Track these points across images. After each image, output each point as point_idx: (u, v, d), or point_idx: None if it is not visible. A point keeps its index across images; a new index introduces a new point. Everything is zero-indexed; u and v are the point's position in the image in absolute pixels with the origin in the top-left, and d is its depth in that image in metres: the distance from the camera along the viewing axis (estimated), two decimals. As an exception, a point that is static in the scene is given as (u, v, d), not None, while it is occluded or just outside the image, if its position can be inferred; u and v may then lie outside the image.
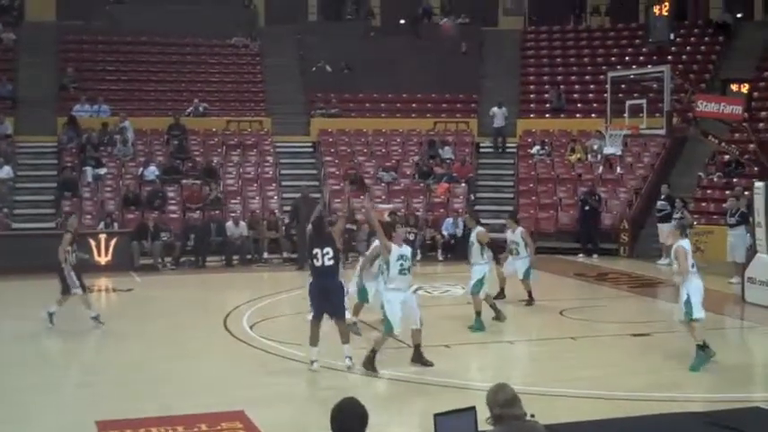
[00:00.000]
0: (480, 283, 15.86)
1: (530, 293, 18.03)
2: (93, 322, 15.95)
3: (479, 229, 16.48)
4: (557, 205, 27.95)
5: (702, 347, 12.64)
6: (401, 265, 12.64)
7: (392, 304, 12.61)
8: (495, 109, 31.14)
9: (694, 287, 12.77)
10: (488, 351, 14.70)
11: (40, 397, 11.72)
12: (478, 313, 15.71)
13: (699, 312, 12.69)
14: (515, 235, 18.17)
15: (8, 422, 10.54)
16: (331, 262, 12.56)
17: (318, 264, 12.60)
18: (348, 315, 13.77)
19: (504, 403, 6.21)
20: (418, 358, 12.86)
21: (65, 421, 10.58)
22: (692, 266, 12.83)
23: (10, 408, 11.18)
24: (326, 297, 12.67)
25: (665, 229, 24.08)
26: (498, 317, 16.19)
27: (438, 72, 33.18)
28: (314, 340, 12.61)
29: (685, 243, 13.01)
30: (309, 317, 13.11)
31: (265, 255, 25.21)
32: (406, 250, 12.94)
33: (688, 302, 12.64)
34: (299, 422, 10.55)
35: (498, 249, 17.22)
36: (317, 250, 12.58)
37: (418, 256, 24.81)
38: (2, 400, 11.58)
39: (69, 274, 15.86)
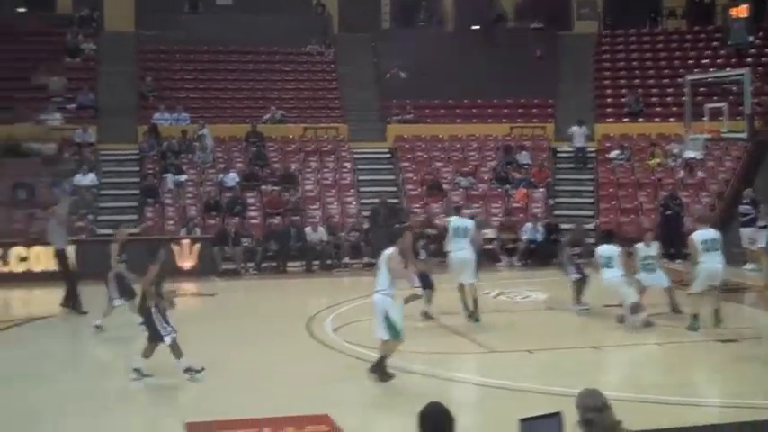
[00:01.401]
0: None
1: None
2: (94, 329, 16.23)
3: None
4: (637, 210, 27.63)
5: None
6: None
7: (398, 310, 12.53)
8: (574, 128, 30.66)
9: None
10: (573, 357, 14.57)
11: (129, 399, 11.93)
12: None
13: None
14: (652, 248, 17.46)
15: (98, 424, 10.72)
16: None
17: None
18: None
19: (596, 408, 6.16)
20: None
21: (153, 423, 10.74)
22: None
23: (99, 409, 11.37)
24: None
25: (748, 234, 23.75)
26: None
27: (513, 77, 33.01)
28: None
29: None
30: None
31: (345, 260, 25.32)
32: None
33: None
34: (384, 427, 10.56)
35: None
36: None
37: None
38: (91, 401, 11.77)
39: (111, 283, 16.37)
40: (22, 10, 35.47)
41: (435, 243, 18.31)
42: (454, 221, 17.17)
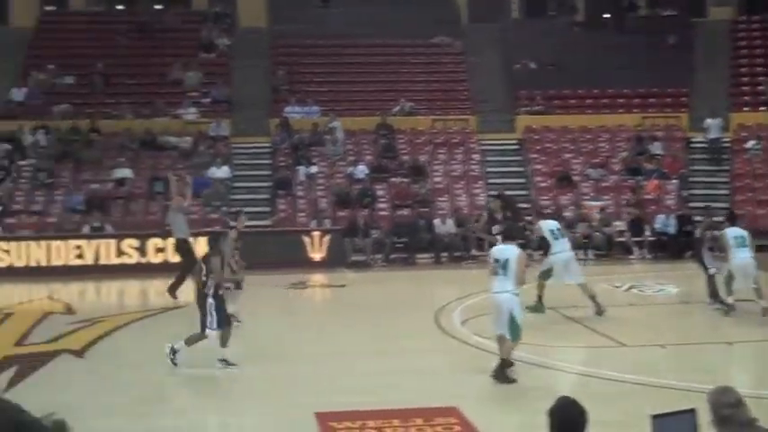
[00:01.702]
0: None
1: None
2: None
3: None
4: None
5: None
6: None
7: (521, 311, 12.32)
8: (708, 120, 29.93)
9: None
10: (706, 352, 14.29)
11: (260, 389, 12.13)
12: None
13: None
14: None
15: (228, 413, 11.00)
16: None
17: None
18: None
19: (730, 405, 6.05)
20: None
21: (284, 412, 10.88)
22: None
23: (229, 399, 11.68)
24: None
25: None
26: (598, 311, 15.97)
27: (645, 66, 32.36)
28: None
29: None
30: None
31: (474, 251, 25.29)
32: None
33: None
34: (512, 420, 10.55)
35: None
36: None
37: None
38: (220, 391, 12.09)
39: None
40: (159, 7, 36.62)
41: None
42: (548, 224, 17.05)
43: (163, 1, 36.67)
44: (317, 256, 23.89)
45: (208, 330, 12.87)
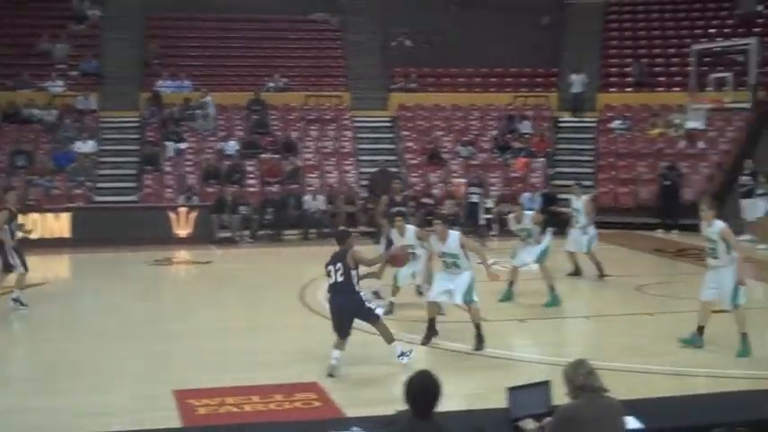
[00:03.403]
0: (544, 252, 15.82)
1: (598, 265, 17.93)
2: (12, 303, 15.37)
3: (530, 213, 16.47)
4: (636, 180, 27.59)
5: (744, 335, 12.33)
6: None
7: (470, 275, 12.61)
8: (573, 75, 30.84)
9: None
10: (564, 326, 14.62)
11: (119, 366, 11.95)
12: (552, 288, 15.67)
13: (744, 298, 12.39)
14: (578, 203, 18.15)
15: (87, 391, 10.75)
16: (341, 278, 11.69)
17: (331, 281, 11.86)
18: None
19: (585, 374, 6.28)
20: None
21: (144, 390, 10.72)
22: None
23: (89, 377, 11.43)
24: (342, 315, 11.79)
25: (747, 205, 23.72)
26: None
27: (518, 46, 32.88)
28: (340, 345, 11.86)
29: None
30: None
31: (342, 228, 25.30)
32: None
33: (737, 288, 12.24)
34: (372, 394, 10.59)
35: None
36: (330, 267, 11.77)
37: (481, 221, 24.69)
38: (81, 369, 11.82)
39: (10, 253, 15.37)
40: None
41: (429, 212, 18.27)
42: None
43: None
44: (183, 232, 23.58)
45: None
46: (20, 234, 15.73)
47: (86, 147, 27.12)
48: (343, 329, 11.53)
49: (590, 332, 14.65)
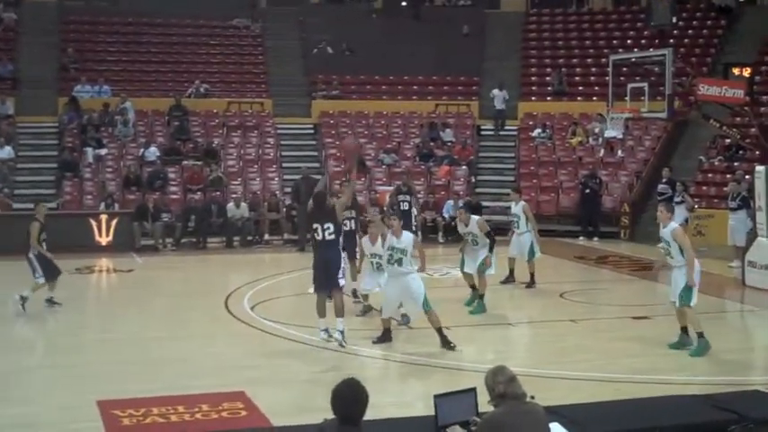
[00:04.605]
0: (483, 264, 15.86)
1: (532, 276, 18.06)
2: (46, 303, 15.85)
3: (477, 218, 16.36)
4: (557, 188, 27.96)
5: (701, 334, 12.64)
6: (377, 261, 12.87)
7: (419, 282, 12.82)
8: (495, 91, 31.19)
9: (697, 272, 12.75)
10: (488, 333, 14.70)
11: (40, 377, 11.77)
12: (481, 296, 15.74)
13: (696, 299, 12.72)
14: (517, 208, 18.19)
15: (9, 403, 10.55)
16: (332, 236, 12.66)
17: (319, 238, 12.69)
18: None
19: (504, 382, 6.27)
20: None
21: (66, 401, 10.56)
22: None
23: (10, 389, 11.22)
24: (327, 269, 12.76)
25: (665, 213, 24.14)
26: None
27: (439, 54, 33.16)
28: (322, 312, 12.80)
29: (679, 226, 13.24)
30: (311, 290, 13.20)
31: (266, 236, 25.24)
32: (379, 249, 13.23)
33: (689, 289, 12.60)
34: (299, 403, 10.56)
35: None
36: (317, 225, 12.66)
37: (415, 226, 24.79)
38: (3, 380, 11.60)
39: (35, 262, 15.86)
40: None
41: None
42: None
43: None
44: (103, 240, 23.21)
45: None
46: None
47: (3, 153, 26.60)
48: (327, 284, 12.65)
49: (515, 339, 14.78)
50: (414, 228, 19.75)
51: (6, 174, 26.24)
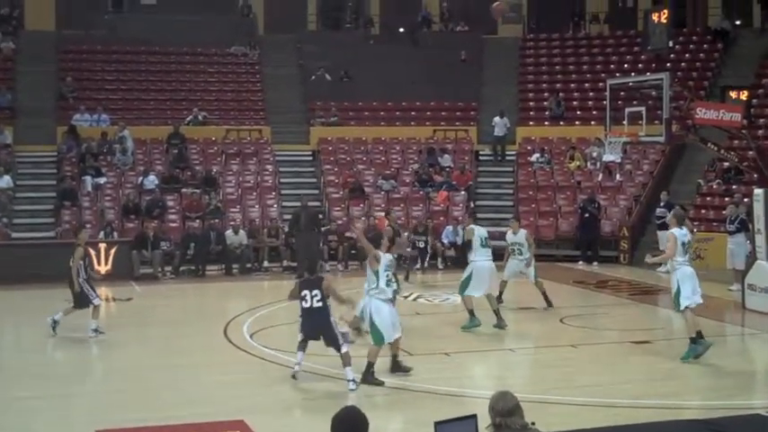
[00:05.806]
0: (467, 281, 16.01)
1: (545, 296, 18.22)
2: (92, 333, 15.90)
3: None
4: (556, 213, 28.00)
5: (694, 340, 12.71)
6: (388, 275, 12.66)
7: (382, 314, 12.55)
8: (496, 119, 31.17)
9: (681, 275, 13.00)
10: (489, 358, 14.70)
11: (41, 406, 11.71)
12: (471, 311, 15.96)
13: (686, 301, 12.92)
14: (519, 236, 18.25)
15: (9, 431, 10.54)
16: (319, 304, 12.39)
17: (307, 305, 12.48)
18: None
19: (505, 412, 6.21)
20: (396, 367, 12.95)
21: (65, 430, 10.54)
22: (684, 255, 13.06)
23: (11, 417, 11.20)
24: (316, 334, 12.60)
25: (664, 236, 24.14)
26: (500, 324, 16.20)
27: (437, 80, 33.21)
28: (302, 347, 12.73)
29: (678, 231, 13.33)
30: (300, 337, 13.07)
31: (265, 263, 25.21)
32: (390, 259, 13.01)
33: (678, 293, 12.84)
34: (299, 431, 10.55)
35: None
36: (305, 292, 12.45)
37: (426, 265, 24.90)
38: (2, 409, 11.57)
39: (85, 288, 15.97)
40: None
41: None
42: (480, 231, 16.87)
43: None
44: (102, 268, 23.17)
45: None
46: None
47: (2, 182, 26.61)
48: (310, 337, 12.61)
49: (515, 364, 14.74)
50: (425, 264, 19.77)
51: (5, 203, 26.24)
